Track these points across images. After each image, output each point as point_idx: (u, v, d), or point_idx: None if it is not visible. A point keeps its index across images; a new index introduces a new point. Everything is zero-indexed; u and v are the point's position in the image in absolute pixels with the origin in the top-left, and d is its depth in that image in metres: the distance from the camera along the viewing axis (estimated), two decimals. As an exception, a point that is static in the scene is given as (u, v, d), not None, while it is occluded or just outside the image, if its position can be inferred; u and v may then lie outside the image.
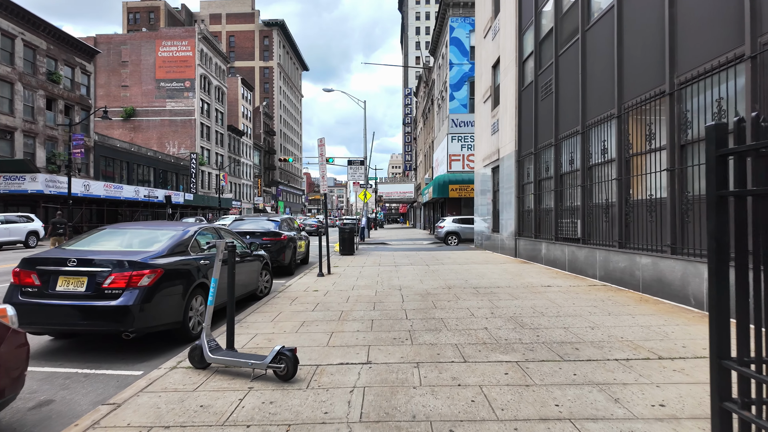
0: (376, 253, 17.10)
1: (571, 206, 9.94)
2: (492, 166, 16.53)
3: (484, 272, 10.43)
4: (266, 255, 8.27)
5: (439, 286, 8.39)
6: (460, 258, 14.25)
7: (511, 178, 13.99)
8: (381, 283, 8.90)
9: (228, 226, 11.02)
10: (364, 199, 25.27)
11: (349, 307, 6.58)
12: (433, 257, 14.66)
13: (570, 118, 10.15)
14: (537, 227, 12.13)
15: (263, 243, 10.47)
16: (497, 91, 16.19)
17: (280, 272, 11.30)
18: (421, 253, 16.36)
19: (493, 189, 16.70)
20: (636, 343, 4.54)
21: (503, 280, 9.14)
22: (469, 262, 12.80)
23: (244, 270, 7.07)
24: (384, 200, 57.34)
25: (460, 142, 27.04)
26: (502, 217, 15.14)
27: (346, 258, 14.80)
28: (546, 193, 11.54)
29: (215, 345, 4.00)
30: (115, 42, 59.66)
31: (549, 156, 11.31)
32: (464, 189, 25.95)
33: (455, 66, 27.19)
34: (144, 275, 4.67)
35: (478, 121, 18.98)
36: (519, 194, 13.56)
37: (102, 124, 58.77)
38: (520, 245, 13.45)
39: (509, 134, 14.32)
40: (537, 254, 12.01)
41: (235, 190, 70.41)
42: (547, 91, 11.50)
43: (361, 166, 18.59)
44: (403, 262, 13.28)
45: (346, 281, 9.30)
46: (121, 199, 35.12)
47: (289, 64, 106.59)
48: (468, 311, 6.16)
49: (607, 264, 8.32)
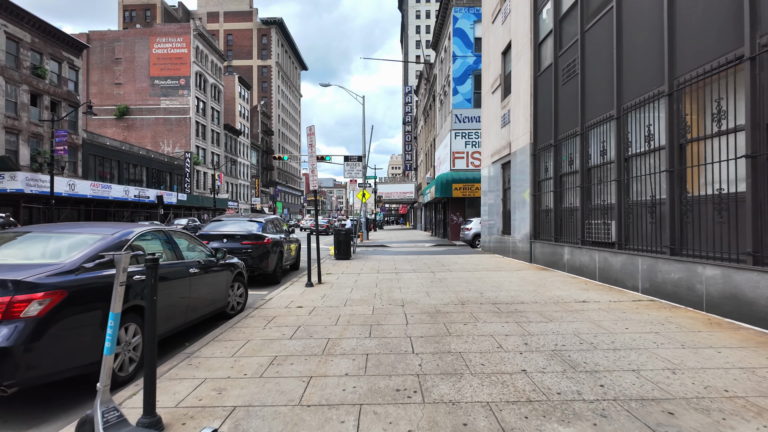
0: (374, 257, 15.64)
1: (603, 204, 8.48)
2: (502, 162, 15.08)
3: (500, 281, 8.96)
4: (240, 264, 6.81)
5: (449, 301, 6.92)
6: (468, 263, 12.79)
7: (526, 174, 12.54)
8: (380, 296, 7.43)
9: (204, 228, 9.56)
10: (363, 199, 23.83)
11: (337, 333, 5.11)
12: (438, 262, 13.20)
13: (600, 101, 8.70)
14: (557, 229, 10.67)
15: (243, 248, 9.01)
16: (508, 79, 14.75)
17: (264, 281, 9.84)
18: (424, 257, 14.90)
19: (503, 187, 15.24)
20: (756, 403, 3.07)
21: (525, 292, 7.67)
22: (480, 269, 11.34)
23: (206, 284, 5.61)
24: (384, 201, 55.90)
25: (464, 139, 25.59)
26: (514, 217, 13.68)
27: (341, 263, 13.33)
28: (569, 190, 10.09)
29: (116, 417, 2.54)
30: (108, 38, 58.25)
31: (573, 147, 9.86)
32: (468, 188, 24.50)
33: (459, 58, 25.75)
34: (33, 301, 3.21)
35: (486, 113, 17.54)
36: (534, 192, 12.10)
37: (95, 122, 57.38)
38: (536, 249, 11.99)
39: (523, 125, 12.87)
40: (557, 260, 10.55)
41: (231, 190, 68.98)
42: (569, 73, 10.05)
43: (358, 162, 17.13)
44: (404, 268, 11.82)
45: (338, 293, 7.84)
46: (109, 199, 33.68)
47: (287, 63, 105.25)
48: (493, 340, 4.70)
49: (654, 274, 6.86)
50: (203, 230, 9.37)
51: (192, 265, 5.27)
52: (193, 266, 5.27)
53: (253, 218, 9.87)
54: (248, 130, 79.29)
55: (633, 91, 7.60)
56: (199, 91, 59.05)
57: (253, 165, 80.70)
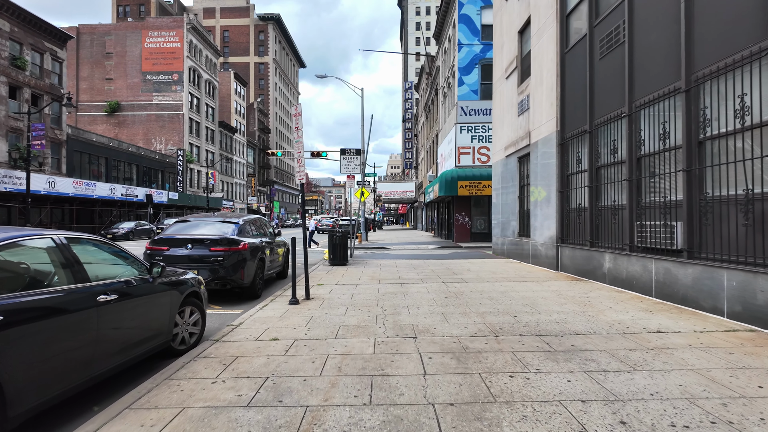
0: (374, 262, 13.87)
1: (663, 202, 6.75)
2: (519, 155, 13.33)
3: (532, 298, 7.21)
4: (193, 281, 5.05)
5: (477, 330, 5.17)
6: (483, 270, 11.04)
7: (550, 167, 10.80)
8: (382, 321, 5.69)
9: (166, 230, 7.79)
10: (361, 198, 22.09)
11: (322, 395, 3.36)
12: (448, 269, 11.44)
13: (657, 73, 6.96)
14: (594, 231, 8.93)
15: (212, 255, 7.25)
16: (526, 60, 13.00)
17: (241, 296, 8.08)
18: (430, 263, 13.14)
19: (519, 183, 13.49)
20: None
21: (572, 315, 5.92)
22: (499, 278, 9.60)
23: (132, 314, 3.85)
24: (383, 200, 54.17)
25: (470, 133, 23.84)
26: (534, 217, 11.94)
27: (336, 270, 11.57)
28: (611, 185, 8.35)
29: None
30: (99, 32, 56.43)
31: (617, 132, 8.12)
32: (475, 186, 22.75)
33: (464, 47, 24.01)
34: None
35: (498, 101, 15.79)
36: (562, 188, 10.36)
37: (85, 118, 55.57)
38: (563, 255, 10.25)
39: (546, 111, 11.13)
40: (594, 269, 8.81)
41: (227, 189, 67.18)
42: (612, 42, 8.30)
43: (356, 156, 15.38)
44: (410, 277, 10.06)
45: (329, 316, 6.08)
46: (93, 198, 31.88)
47: (285, 61, 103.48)
48: (567, 414, 2.95)
49: (751, 294, 5.12)
50: (163, 233, 7.61)
51: (102, 289, 3.51)
52: (105, 290, 3.51)
53: (228, 218, 8.09)
54: (244, 127, 77.46)
55: (710, 54, 5.85)
56: (193, 86, 57.25)
57: (250, 163, 78.89)
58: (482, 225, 24.24)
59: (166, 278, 4.47)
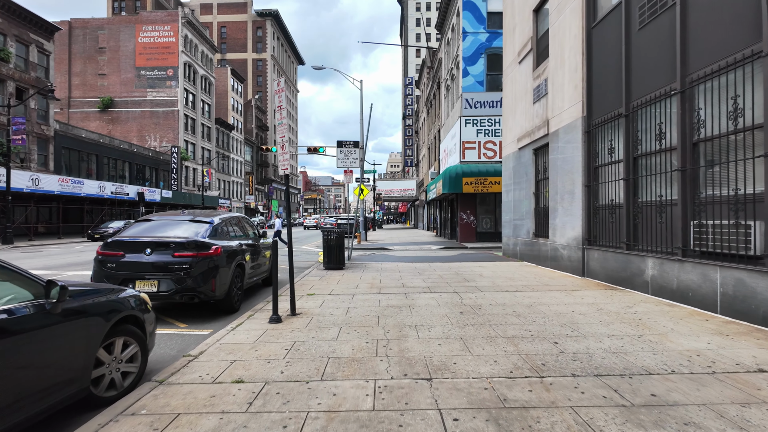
0: (374, 265, 12.56)
1: (730, 197, 5.44)
2: (534, 147, 12.01)
3: (567, 314, 5.90)
4: (133, 300, 3.74)
5: (512, 367, 3.85)
6: (497, 276, 9.73)
7: (574, 158, 9.49)
8: (385, 350, 4.38)
9: (124, 231, 6.47)
10: (360, 195, 20.79)
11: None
12: (457, 274, 10.13)
13: (723, 38, 5.64)
14: (632, 232, 7.62)
15: (176, 262, 5.94)
16: (543, 40, 11.68)
17: (216, 309, 6.77)
18: (436, 266, 11.83)
19: (535, 177, 12.17)
20: None
21: (630, 343, 4.61)
22: (519, 286, 8.29)
23: (14, 357, 2.54)
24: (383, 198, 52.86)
25: (475, 127, 22.50)
26: (553, 216, 10.63)
27: (331, 275, 10.25)
28: (655, 177, 7.04)
29: None
30: (91, 27, 55.03)
31: (664, 113, 6.81)
32: (481, 182, 21.43)
33: (469, 35, 22.66)
34: None
35: (509, 89, 14.45)
36: (589, 181, 9.05)
37: (78, 115, 54.21)
38: (591, 258, 8.94)
39: (569, 95, 9.81)
40: (632, 275, 7.50)
41: (223, 187, 65.84)
42: (656, 8, 6.98)
43: (354, 149, 14.05)
44: (415, 284, 8.75)
45: (316, 342, 4.77)
46: (81, 195, 30.48)
47: (283, 57, 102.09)
48: None
49: None
50: (120, 235, 6.29)
51: None
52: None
53: (198, 217, 6.76)
54: (242, 125, 76.10)
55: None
56: (188, 82, 55.89)
57: (247, 161, 77.55)
58: (488, 224, 22.94)
59: (79, 301, 3.15)
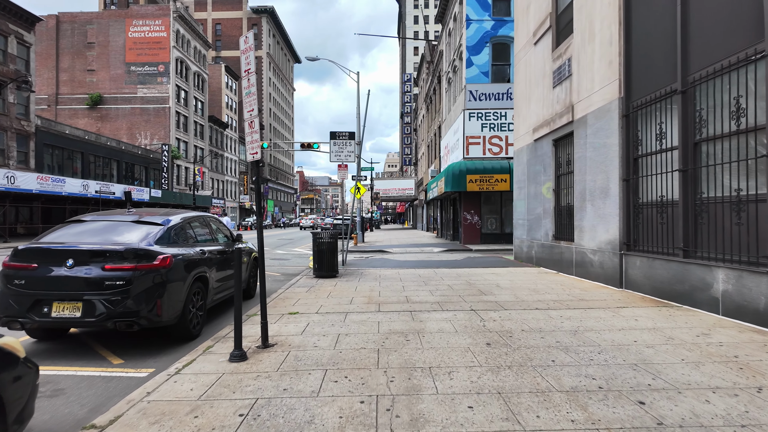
0: (372, 272, 11.06)
1: None
2: (555, 137, 10.55)
3: (633, 348, 4.41)
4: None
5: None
6: (517, 286, 8.24)
7: (608, 147, 8.03)
8: (389, 419, 2.88)
9: (43, 236, 4.94)
10: (357, 194, 19.31)
11: None
12: (469, 283, 8.65)
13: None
14: (691, 235, 6.16)
15: (108, 277, 4.43)
16: (565, 15, 10.22)
17: (167, 336, 5.25)
18: (442, 273, 10.34)
19: (555, 172, 10.71)
20: None
21: (748, 398, 3.13)
22: (547, 300, 6.81)
23: None
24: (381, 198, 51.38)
25: (479, 121, 21.04)
26: (581, 215, 9.17)
27: (321, 286, 8.75)
28: (726, 167, 5.57)
29: None
30: (80, 21, 53.35)
31: (740, 85, 5.34)
32: (486, 180, 19.97)
33: (473, 23, 21.21)
34: None
35: (522, 74, 12.98)
36: (628, 174, 7.59)
37: (65, 112, 52.50)
38: (632, 266, 7.47)
39: (601, 73, 8.35)
40: (693, 290, 6.03)
41: (217, 187, 64.22)
42: (729, -48, 5.52)
43: (350, 141, 12.55)
44: (421, 297, 7.26)
45: (287, 397, 3.27)
46: (62, 195, 28.85)
47: (279, 55, 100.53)
48: None
49: None
50: (35, 241, 4.78)
51: None
52: None
53: (147, 217, 5.24)
54: (236, 123, 74.46)
55: None
56: (180, 79, 54.25)
57: (242, 161, 75.92)
58: (494, 225, 21.49)
59: None
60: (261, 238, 4.64)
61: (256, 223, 4.59)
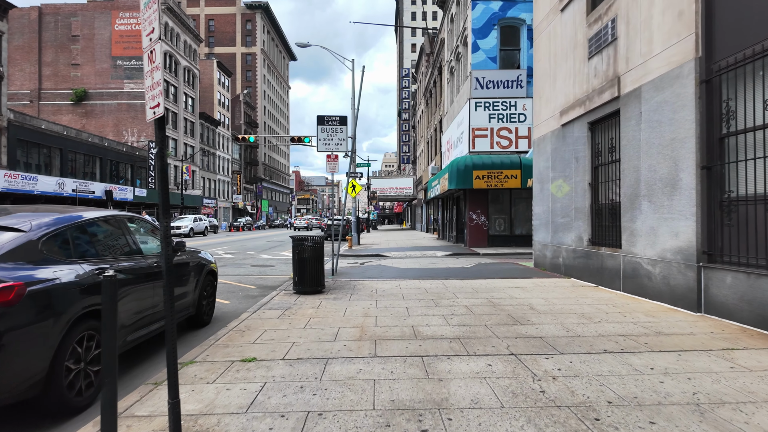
0: (367, 285, 9.06)
1: None
2: (591, 119, 8.60)
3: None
4: None
5: None
6: (555, 306, 6.28)
7: (679, 125, 6.09)
8: None
9: None
10: (353, 192, 17.37)
11: None
12: (492, 304, 6.68)
13: None
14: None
15: None
16: (605, -32, 8.26)
17: (28, 415, 3.26)
18: (453, 285, 8.36)
19: (592, 162, 8.76)
20: None
21: None
22: (613, 335, 4.85)
23: None
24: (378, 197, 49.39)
25: (486, 111, 19.09)
26: (634, 215, 7.22)
27: (300, 306, 6.75)
28: None
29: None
30: (63, 13, 51.12)
31: None
32: (495, 176, 18.03)
33: (480, 4, 19.27)
34: None
35: (545, 49, 11.02)
36: (710, 160, 5.65)
37: (48, 108, 50.25)
38: (715, 284, 5.52)
39: (667, 29, 6.41)
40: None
41: (208, 186, 62.06)
42: None
43: (341, 127, 10.57)
44: (434, 329, 5.27)
45: None
46: (35, 194, 26.78)
47: (274, 52, 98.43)
48: None
49: None
50: None
51: None
52: None
53: (2, 219, 3.27)
54: (229, 120, 72.30)
55: None
56: (169, 74, 52.07)
57: (235, 159, 73.75)
58: (502, 226, 19.55)
59: None
60: (167, 239, 2.64)
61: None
